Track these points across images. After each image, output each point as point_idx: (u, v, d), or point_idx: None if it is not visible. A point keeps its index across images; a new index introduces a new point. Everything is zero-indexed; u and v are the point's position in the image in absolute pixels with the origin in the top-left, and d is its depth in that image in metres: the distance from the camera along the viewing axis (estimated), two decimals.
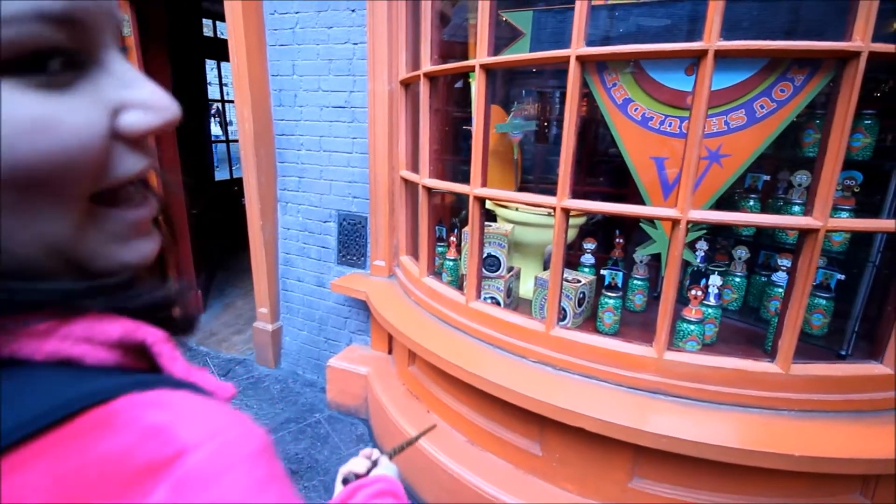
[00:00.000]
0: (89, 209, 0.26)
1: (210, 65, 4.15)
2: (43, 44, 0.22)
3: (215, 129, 5.67)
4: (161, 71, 2.84)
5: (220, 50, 3.65)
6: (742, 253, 1.72)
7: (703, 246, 1.75)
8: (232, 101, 2.88)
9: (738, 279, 1.75)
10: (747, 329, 1.66)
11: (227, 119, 5.25)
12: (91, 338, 0.25)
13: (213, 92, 4.58)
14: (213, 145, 4.51)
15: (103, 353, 0.26)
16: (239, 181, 2.46)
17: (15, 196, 0.22)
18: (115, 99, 0.25)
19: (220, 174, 4.87)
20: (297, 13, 2.15)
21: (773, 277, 1.64)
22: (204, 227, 3.57)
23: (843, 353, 1.42)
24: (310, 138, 2.31)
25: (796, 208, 1.58)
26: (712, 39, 1.08)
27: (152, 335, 0.28)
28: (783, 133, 1.47)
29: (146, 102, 0.26)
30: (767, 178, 1.69)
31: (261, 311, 2.66)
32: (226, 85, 4.73)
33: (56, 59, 0.23)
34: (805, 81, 1.33)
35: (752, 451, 1.11)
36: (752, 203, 1.72)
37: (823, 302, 1.52)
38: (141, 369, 0.28)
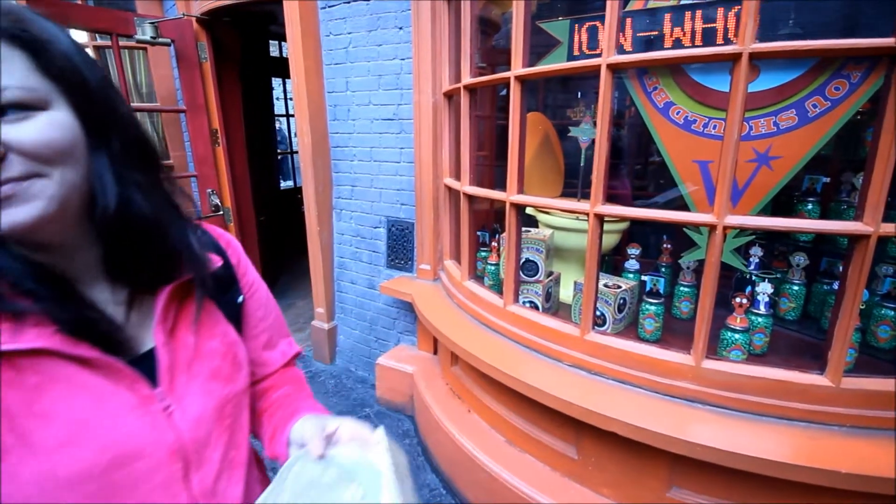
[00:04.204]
0: None
1: (276, 82, 4.49)
2: None
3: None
4: (233, 90, 3.13)
5: (285, 68, 3.95)
6: (800, 260, 1.62)
7: (757, 252, 1.67)
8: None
9: (796, 287, 1.65)
10: (805, 340, 1.56)
11: (292, 131, 5.63)
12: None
13: (279, 107, 4.94)
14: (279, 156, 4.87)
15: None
16: (301, 190, 2.66)
17: None
18: None
19: (288, 183, 5.23)
20: (349, 34, 2.30)
21: (836, 286, 1.53)
22: (270, 234, 3.87)
23: None
24: (361, 149, 2.45)
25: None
26: (746, 42, 1.06)
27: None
28: (846, 133, 1.37)
29: None
30: (827, 180, 1.59)
31: (318, 310, 2.85)
32: (290, 99, 5.09)
33: None
34: (863, 78, 1.25)
35: (793, 465, 1.06)
36: (810, 207, 1.62)
37: (892, 313, 1.41)
38: None
